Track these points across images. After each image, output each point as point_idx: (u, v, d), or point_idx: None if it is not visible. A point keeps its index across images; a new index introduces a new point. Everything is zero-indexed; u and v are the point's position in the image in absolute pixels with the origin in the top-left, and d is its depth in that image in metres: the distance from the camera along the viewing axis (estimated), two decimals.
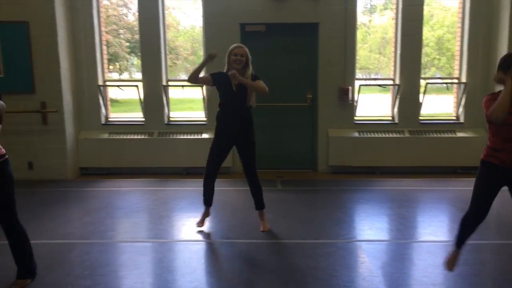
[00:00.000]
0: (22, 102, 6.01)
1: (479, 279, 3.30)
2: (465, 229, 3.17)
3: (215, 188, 4.38)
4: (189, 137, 6.65)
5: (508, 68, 2.90)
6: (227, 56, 4.10)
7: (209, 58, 4.12)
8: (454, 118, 6.90)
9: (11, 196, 3.05)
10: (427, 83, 6.91)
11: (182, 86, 7.18)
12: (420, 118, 6.75)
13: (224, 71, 4.17)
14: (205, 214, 4.43)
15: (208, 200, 4.37)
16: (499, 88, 2.98)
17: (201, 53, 7.41)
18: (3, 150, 3.04)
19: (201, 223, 4.39)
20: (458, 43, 6.77)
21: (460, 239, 3.21)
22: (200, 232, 4.33)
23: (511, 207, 4.92)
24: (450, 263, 3.25)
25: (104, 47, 6.84)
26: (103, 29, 6.81)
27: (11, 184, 3.04)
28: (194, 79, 4.24)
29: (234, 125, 4.17)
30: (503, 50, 6.21)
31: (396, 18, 6.66)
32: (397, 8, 6.62)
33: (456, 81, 6.82)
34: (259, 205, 4.33)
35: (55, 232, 4.26)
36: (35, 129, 6.23)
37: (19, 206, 3.14)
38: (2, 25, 5.99)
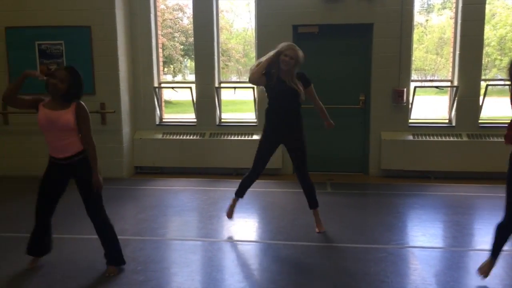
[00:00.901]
0: (83, 102, 6.31)
1: None
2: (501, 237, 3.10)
3: (264, 190, 4.40)
4: (239, 138, 6.72)
5: None
6: (276, 53, 4.02)
7: (276, 55, 4.01)
8: None
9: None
10: (488, 85, 6.58)
11: (234, 88, 7.27)
12: (480, 121, 6.44)
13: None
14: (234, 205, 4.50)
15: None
16: None
17: (252, 54, 7.49)
18: (83, 147, 3.33)
19: (231, 214, 4.48)
20: None
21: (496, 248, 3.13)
22: (249, 232, 4.36)
23: None
24: (484, 270, 3.16)
25: (160, 50, 7.07)
26: (159, 32, 7.03)
27: None
28: (257, 81, 4.19)
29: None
30: None
31: (456, 18, 6.40)
32: (456, 7, 6.36)
33: None
34: (312, 203, 4.28)
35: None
36: (94, 129, 6.35)
37: (79, 202, 3.33)
38: (67, 29, 6.35)
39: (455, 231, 4.35)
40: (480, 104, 6.40)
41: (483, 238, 4.21)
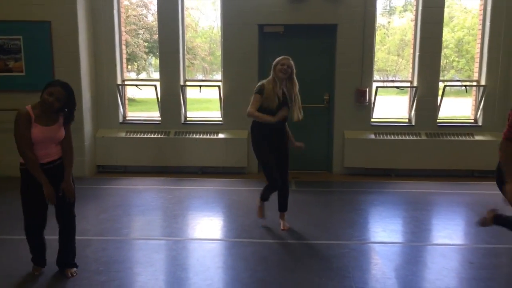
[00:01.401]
0: None
1: (494, 283, 3.26)
2: None
3: (229, 188, 4.43)
4: (205, 136, 6.70)
5: None
6: (273, 67, 4.21)
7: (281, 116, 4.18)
8: (472, 121, 6.81)
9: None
10: (446, 86, 6.84)
11: (199, 86, 7.23)
12: (438, 120, 6.68)
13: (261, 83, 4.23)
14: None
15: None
16: None
17: (218, 53, 7.47)
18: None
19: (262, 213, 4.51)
20: (478, 45, 6.67)
21: None
22: (214, 230, 4.36)
23: None
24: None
25: (123, 47, 6.94)
26: (122, 29, 6.91)
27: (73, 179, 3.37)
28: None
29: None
30: None
31: (416, 20, 6.60)
32: (416, 10, 6.56)
33: (475, 83, 6.73)
34: (283, 207, 4.40)
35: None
36: None
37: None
38: (25, 24, 6.14)
39: (414, 227, 4.50)
40: (438, 104, 6.63)
41: (440, 233, 4.39)
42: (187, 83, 7.00)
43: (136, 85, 7.38)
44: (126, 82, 7.05)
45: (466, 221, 4.74)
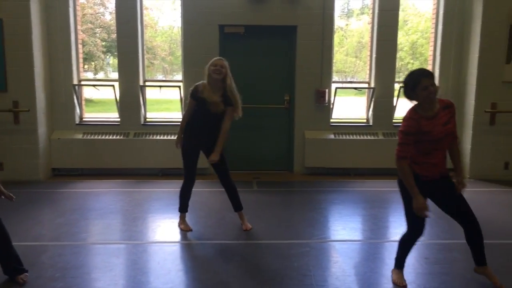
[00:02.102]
0: None
1: (449, 277, 3.38)
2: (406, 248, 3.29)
3: (191, 190, 4.42)
4: (165, 138, 6.61)
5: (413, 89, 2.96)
6: (208, 68, 4.13)
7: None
8: None
9: None
10: (401, 87, 7.05)
11: (160, 86, 7.13)
12: (394, 120, 6.88)
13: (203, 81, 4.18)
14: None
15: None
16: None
17: (178, 53, 7.40)
18: None
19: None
20: (431, 48, 6.93)
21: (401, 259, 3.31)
22: (175, 233, 4.31)
23: (480, 207, 5.07)
24: (400, 280, 3.28)
25: (80, 46, 6.75)
26: (79, 27, 6.71)
27: None
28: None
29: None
30: (474, 56, 6.40)
31: (372, 23, 6.78)
32: (373, 13, 6.74)
33: None
34: (237, 206, 4.38)
35: (27, 234, 4.18)
36: (6, 129, 6.09)
37: None
38: None
39: (372, 224, 4.62)
40: (394, 104, 6.84)
41: (397, 230, 4.51)
42: (147, 83, 6.89)
43: (94, 85, 7.21)
44: (83, 82, 6.85)
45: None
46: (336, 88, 6.86)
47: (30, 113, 6.08)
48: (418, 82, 2.93)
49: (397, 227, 4.56)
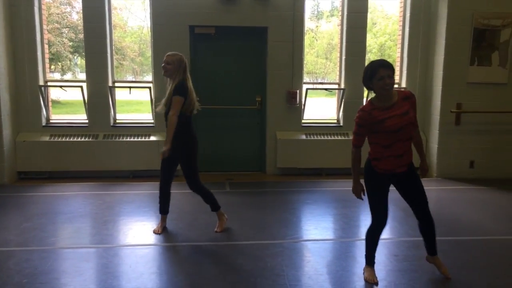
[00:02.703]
0: None
1: (418, 274, 3.46)
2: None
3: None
4: (136, 139, 6.52)
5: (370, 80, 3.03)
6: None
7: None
8: None
9: None
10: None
11: (129, 87, 7.02)
12: None
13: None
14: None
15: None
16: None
17: (148, 54, 7.31)
18: None
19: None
20: (399, 50, 7.09)
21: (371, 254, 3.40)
22: (147, 236, 4.26)
23: (447, 205, 5.22)
24: (372, 277, 3.35)
25: (46, 46, 6.57)
26: (44, 27, 6.54)
27: None
28: None
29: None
30: (439, 57, 6.59)
31: (342, 25, 6.88)
32: (342, 15, 6.84)
33: (396, 86, 7.14)
34: (215, 206, 4.39)
35: None
36: None
37: None
38: None
39: (343, 223, 4.68)
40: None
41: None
42: (116, 84, 6.78)
43: (61, 86, 7.04)
44: (49, 83, 6.68)
45: (391, 217, 4.96)
46: (307, 89, 6.93)
47: None
48: (375, 72, 2.99)
49: (368, 226, 4.63)
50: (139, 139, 6.52)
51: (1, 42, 5.95)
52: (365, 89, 6.89)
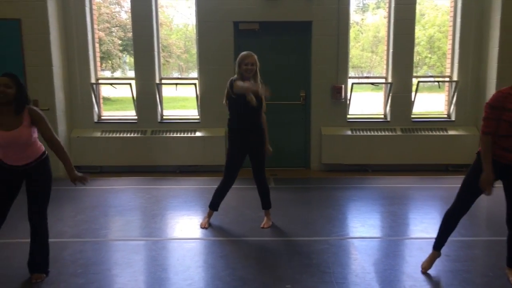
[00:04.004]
0: None
1: (470, 275, 3.33)
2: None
3: (208, 187, 4.43)
4: (182, 135, 6.64)
5: None
6: (238, 65, 4.12)
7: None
8: (446, 116, 6.96)
9: (49, 192, 3.25)
10: (419, 82, 6.96)
11: (175, 84, 7.16)
12: (412, 116, 6.80)
13: (234, 78, 4.15)
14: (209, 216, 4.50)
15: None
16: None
17: (194, 51, 7.42)
18: (42, 148, 3.21)
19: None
20: (450, 42, 6.82)
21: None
22: (194, 230, 4.34)
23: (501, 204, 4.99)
24: (426, 264, 3.28)
25: (97, 45, 6.82)
26: (95, 27, 6.78)
27: (51, 180, 3.24)
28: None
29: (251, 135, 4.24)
30: (494, 49, 6.28)
31: (389, 17, 6.70)
32: (389, 7, 6.65)
33: (447, 79, 6.88)
34: (266, 204, 4.42)
35: (48, 230, 4.23)
36: None
37: (15, 204, 3.19)
38: None
39: (391, 221, 4.57)
40: (412, 99, 6.75)
41: (417, 227, 4.47)
42: (163, 81, 6.93)
43: (111, 84, 7.27)
44: (100, 81, 6.92)
45: (441, 215, 4.77)
46: (353, 83, 6.81)
47: (50, 111, 6.16)
48: None
49: (417, 224, 4.52)
50: (186, 135, 6.64)
51: (55, 43, 6.22)
52: (413, 83, 6.71)
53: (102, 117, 6.94)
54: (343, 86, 6.61)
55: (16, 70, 5.97)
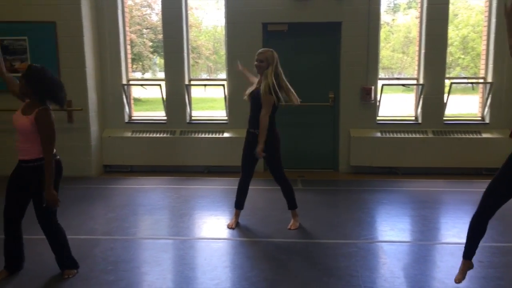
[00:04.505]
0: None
1: (503, 282, 3.23)
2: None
3: (235, 187, 4.47)
4: (210, 136, 6.70)
5: None
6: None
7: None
8: (480, 118, 6.77)
9: (41, 200, 3.19)
10: (452, 83, 6.79)
11: (204, 85, 7.23)
12: (445, 118, 6.64)
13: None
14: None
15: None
16: None
17: (222, 52, 7.47)
18: (39, 156, 3.15)
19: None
20: (484, 42, 6.63)
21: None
22: (221, 230, 4.36)
23: None
24: (459, 275, 3.13)
25: (128, 47, 6.95)
26: (127, 29, 6.92)
27: (41, 189, 3.15)
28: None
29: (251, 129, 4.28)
30: None
31: (421, 17, 6.57)
32: (421, 7, 6.53)
33: (481, 81, 6.69)
34: (290, 205, 4.40)
35: (80, 228, 4.35)
36: (60, 127, 6.21)
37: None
38: (30, 25, 6.16)
39: (422, 225, 4.48)
40: (445, 101, 6.59)
41: (448, 232, 4.37)
42: (192, 82, 7.00)
43: (142, 85, 7.39)
44: (131, 82, 7.06)
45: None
46: (383, 85, 6.71)
47: (83, 112, 6.33)
48: None
49: (449, 229, 4.41)
50: (214, 136, 6.69)
51: (90, 44, 6.38)
52: (446, 84, 6.56)
53: (133, 118, 7.07)
54: (372, 87, 6.52)
55: (51, 72, 6.15)
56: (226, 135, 6.69)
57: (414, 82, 6.77)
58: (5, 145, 6.02)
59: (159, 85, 6.84)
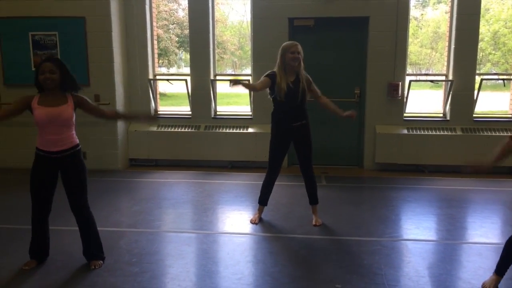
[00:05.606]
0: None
1: None
2: None
3: (259, 183, 4.46)
4: (235, 131, 6.72)
5: None
6: (282, 54, 4.09)
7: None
8: (511, 116, 6.57)
9: (85, 183, 3.36)
10: (482, 79, 6.61)
11: (229, 80, 7.23)
12: (474, 115, 6.47)
13: (275, 69, 4.15)
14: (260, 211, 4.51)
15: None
16: None
17: (248, 47, 7.46)
18: (77, 140, 3.31)
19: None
20: None
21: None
22: (244, 225, 4.38)
23: None
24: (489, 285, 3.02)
25: (155, 42, 7.03)
26: (154, 24, 6.99)
27: (85, 171, 3.34)
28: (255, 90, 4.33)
29: (294, 123, 4.20)
30: None
31: (451, 12, 6.41)
32: (452, 2, 6.36)
33: None
34: (313, 199, 4.37)
35: (106, 220, 4.43)
36: (88, 121, 6.38)
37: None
38: (61, 20, 6.29)
39: (448, 224, 4.39)
40: (475, 98, 6.43)
41: (476, 231, 4.27)
42: (217, 77, 7.03)
43: (167, 80, 7.47)
44: (157, 77, 7.14)
45: (503, 220, 4.59)
46: (410, 81, 6.59)
47: (110, 106, 6.43)
48: None
49: (477, 229, 4.30)
50: (238, 131, 6.70)
51: (118, 40, 6.48)
52: (476, 80, 6.39)
53: (159, 112, 7.15)
54: (400, 83, 6.40)
55: (80, 66, 6.30)
56: (250, 130, 6.70)
57: (443, 78, 6.62)
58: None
59: (185, 80, 6.89)
